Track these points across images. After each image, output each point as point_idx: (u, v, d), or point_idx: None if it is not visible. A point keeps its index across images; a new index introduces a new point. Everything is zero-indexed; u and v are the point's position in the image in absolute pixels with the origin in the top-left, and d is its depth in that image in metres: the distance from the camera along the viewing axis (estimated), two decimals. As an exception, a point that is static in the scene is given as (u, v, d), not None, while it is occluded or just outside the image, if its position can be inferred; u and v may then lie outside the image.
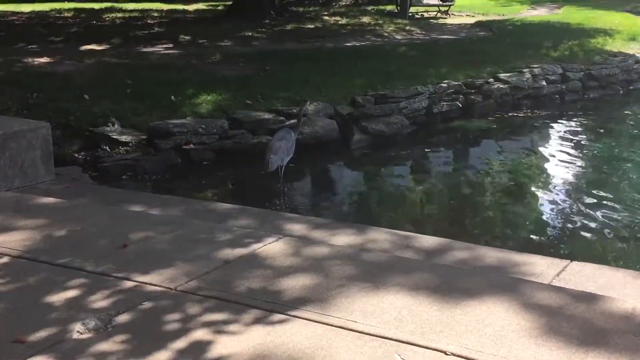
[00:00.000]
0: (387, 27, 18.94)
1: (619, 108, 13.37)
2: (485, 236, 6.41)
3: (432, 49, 14.87)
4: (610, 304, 3.47)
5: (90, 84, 9.85)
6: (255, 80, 10.79)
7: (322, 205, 7.70)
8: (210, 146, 8.57)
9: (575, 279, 4.16)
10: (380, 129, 10.01)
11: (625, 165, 9.13)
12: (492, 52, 14.41)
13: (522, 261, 4.41)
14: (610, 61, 14.88)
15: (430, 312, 3.37)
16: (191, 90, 9.70)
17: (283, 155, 7.54)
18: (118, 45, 14.03)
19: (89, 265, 3.94)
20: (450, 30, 19.45)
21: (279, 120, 9.12)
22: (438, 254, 4.53)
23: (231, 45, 14.76)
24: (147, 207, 5.60)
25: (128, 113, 8.76)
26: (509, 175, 8.79)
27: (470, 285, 3.68)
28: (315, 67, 11.88)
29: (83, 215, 4.93)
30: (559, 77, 13.63)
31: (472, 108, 11.82)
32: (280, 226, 5.02)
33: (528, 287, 3.70)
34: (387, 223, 6.61)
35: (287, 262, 3.96)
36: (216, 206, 5.81)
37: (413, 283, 3.68)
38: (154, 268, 3.88)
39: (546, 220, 6.89)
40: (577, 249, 6.04)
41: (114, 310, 3.39)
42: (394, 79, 11.24)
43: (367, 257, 4.11)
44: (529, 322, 3.27)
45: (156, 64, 11.95)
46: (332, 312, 3.37)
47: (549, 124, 11.84)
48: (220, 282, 3.70)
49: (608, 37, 17.06)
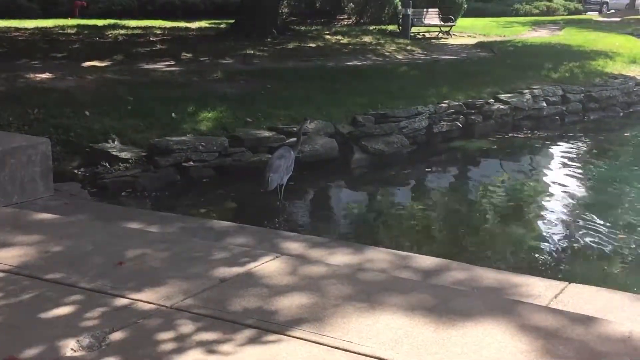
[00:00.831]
0: (389, 47, 19.04)
1: (619, 130, 13.40)
2: (483, 257, 6.40)
3: (433, 69, 14.93)
4: (607, 327, 3.45)
5: (91, 100, 9.87)
6: (255, 98, 10.82)
7: (320, 224, 7.69)
8: (210, 164, 8.58)
9: (573, 301, 4.14)
10: (380, 148, 10.02)
11: (624, 187, 9.13)
12: (493, 72, 14.47)
13: (520, 282, 4.40)
14: (610, 83, 14.94)
15: (426, 333, 3.35)
16: (192, 108, 9.73)
17: (282, 174, 7.55)
18: (120, 62, 14.10)
19: (84, 282, 3.92)
20: (452, 51, 19.55)
21: (279, 138, 9.13)
22: (435, 275, 4.51)
23: (232, 63, 14.83)
24: (145, 224, 5.59)
25: (128, 130, 8.78)
26: (508, 196, 8.79)
27: (467, 306, 3.65)
28: (316, 85, 11.93)
29: (80, 232, 4.92)
30: (559, 99, 13.67)
31: (472, 128, 11.84)
32: (278, 245, 5.01)
33: (525, 309, 3.68)
34: (386, 242, 6.60)
35: (284, 281, 3.95)
36: (214, 224, 5.80)
37: (409, 303, 3.66)
38: (150, 286, 3.87)
39: (545, 242, 6.87)
40: (575, 270, 6.02)
41: (108, 327, 3.37)
42: (395, 98, 11.27)
43: (363, 277, 4.09)
44: (526, 344, 3.25)
45: (157, 81, 11.99)
46: (328, 332, 3.35)
47: (549, 145, 11.86)
48: (215, 301, 3.68)
49: (608, 60, 17.14)
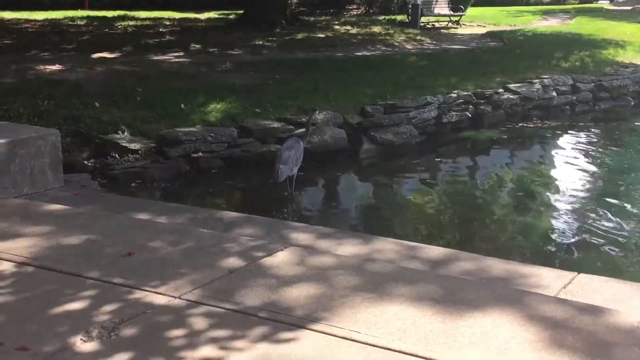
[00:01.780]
0: (398, 37, 18.96)
1: (630, 119, 13.32)
2: (492, 247, 6.38)
3: (442, 59, 14.87)
4: (615, 317, 3.44)
5: (100, 91, 9.89)
6: (264, 88, 10.82)
7: (329, 214, 7.70)
8: (219, 154, 8.59)
9: (582, 292, 4.13)
10: (389, 139, 10.01)
11: (635, 177, 9.08)
12: (503, 62, 14.40)
13: (529, 273, 4.39)
14: (621, 72, 14.84)
15: (434, 323, 3.36)
16: (201, 99, 9.74)
17: (292, 165, 7.54)
18: (129, 53, 14.10)
19: (94, 273, 3.95)
20: (461, 40, 19.45)
21: (288, 129, 9.13)
22: (444, 265, 4.51)
23: (241, 54, 14.82)
24: (154, 215, 5.61)
25: (138, 121, 8.80)
26: (517, 186, 8.76)
27: (475, 296, 3.66)
28: (324, 76, 11.90)
29: (89, 222, 4.94)
30: (569, 88, 13.59)
31: (481, 118, 11.79)
32: (286, 235, 5.01)
33: (533, 299, 3.68)
34: (394, 233, 6.60)
35: (292, 271, 3.96)
36: (223, 215, 5.81)
37: (417, 294, 3.67)
38: (158, 276, 3.89)
39: (554, 232, 6.85)
40: (585, 261, 6.00)
41: (117, 318, 3.39)
42: (404, 88, 11.23)
43: (371, 268, 4.10)
44: (534, 334, 3.25)
45: (166, 72, 12.00)
46: (336, 323, 3.36)
47: (559, 134, 11.80)
48: (224, 292, 3.70)
49: (619, 48, 17.02)
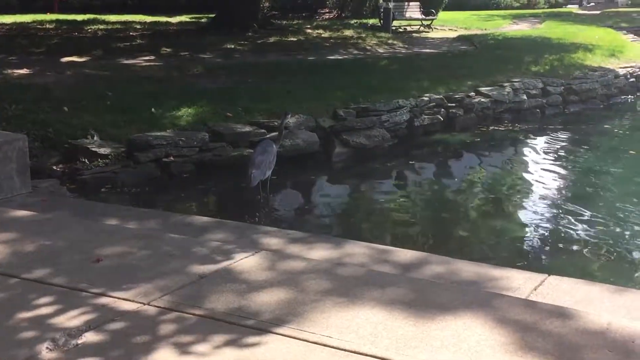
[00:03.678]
0: (370, 41, 19.03)
1: (599, 122, 13.47)
2: (464, 250, 6.41)
3: (414, 63, 14.94)
4: (586, 319, 3.46)
5: (70, 95, 9.79)
6: (236, 92, 10.77)
7: (301, 218, 7.67)
8: (191, 159, 8.53)
9: (552, 294, 4.14)
10: (361, 142, 10.01)
11: (604, 179, 9.18)
12: (474, 66, 14.50)
13: (500, 275, 4.40)
14: (590, 76, 15.03)
15: (406, 327, 3.34)
16: (172, 103, 9.67)
17: (265, 169, 7.51)
18: (99, 57, 13.99)
19: (61, 279, 3.87)
20: (433, 44, 19.57)
21: (260, 132, 9.10)
22: (415, 268, 4.51)
23: (213, 58, 14.76)
24: (124, 220, 5.54)
25: (108, 125, 8.71)
26: (489, 188, 8.81)
27: (447, 300, 3.65)
28: (297, 80, 11.89)
29: (57, 228, 4.86)
30: (539, 91, 13.72)
31: (453, 121, 11.85)
32: (258, 240, 4.98)
33: (504, 301, 3.68)
34: (367, 236, 6.59)
35: (263, 276, 3.92)
36: (193, 220, 5.76)
37: (389, 298, 3.65)
38: (127, 283, 3.83)
39: (525, 234, 6.89)
40: (555, 262, 6.05)
41: (85, 326, 3.33)
42: (376, 92, 11.26)
43: (343, 272, 4.07)
44: (505, 337, 3.25)
45: (137, 76, 11.91)
46: (307, 328, 3.33)
47: (529, 137, 11.90)
48: (194, 297, 3.65)
49: (588, 52, 17.24)
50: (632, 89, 16.03)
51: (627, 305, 4.06)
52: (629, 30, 25.85)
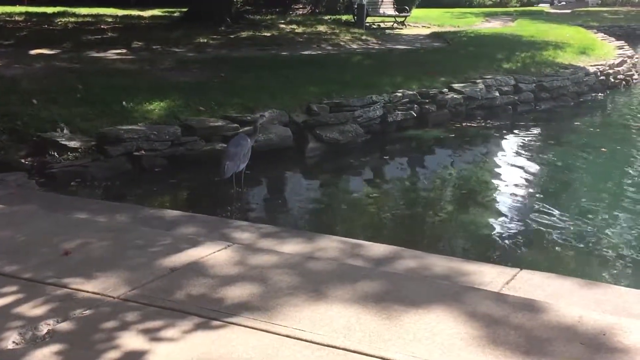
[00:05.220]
0: (344, 37, 19.01)
1: (570, 119, 13.59)
2: (436, 244, 6.42)
3: (387, 59, 14.95)
4: (557, 313, 3.47)
5: (39, 88, 9.62)
6: (209, 86, 10.68)
7: (274, 212, 7.63)
8: (162, 153, 8.43)
9: (524, 288, 4.16)
10: (334, 137, 9.99)
11: (575, 176, 9.27)
12: (447, 62, 14.55)
13: (472, 270, 4.41)
14: (561, 73, 15.14)
15: (378, 320, 3.33)
16: (143, 96, 9.54)
17: (239, 162, 7.47)
18: (69, 49, 13.78)
19: (28, 272, 3.80)
20: (406, 41, 19.62)
21: (233, 127, 9.03)
22: (387, 262, 4.50)
23: (185, 52, 14.63)
24: (94, 214, 5.47)
25: (77, 118, 8.58)
26: (461, 184, 8.84)
27: (419, 293, 3.64)
28: (270, 74, 11.83)
29: (25, 221, 4.78)
30: (511, 88, 13.80)
31: (426, 117, 11.87)
32: (229, 234, 4.94)
33: (477, 295, 3.68)
34: (339, 231, 6.58)
35: (234, 270, 3.88)
36: (165, 213, 5.69)
37: (362, 291, 3.64)
38: (96, 276, 3.77)
39: (497, 229, 6.92)
40: (527, 257, 6.07)
41: (53, 319, 3.27)
42: (350, 87, 11.24)
43: (315, 266, 4.05)
44: (477, 330, 3.25)
45: (108, 69, 11.76)
46: (280, 321, 3.30)
47: (502, 134, 11.97)
48: (164, 291, 3.60)
49: (559, 50, 17.38)
50: (602, 87, 16.19)
51: (598, 299, 4.09)
52: (598, 29, 26.19)
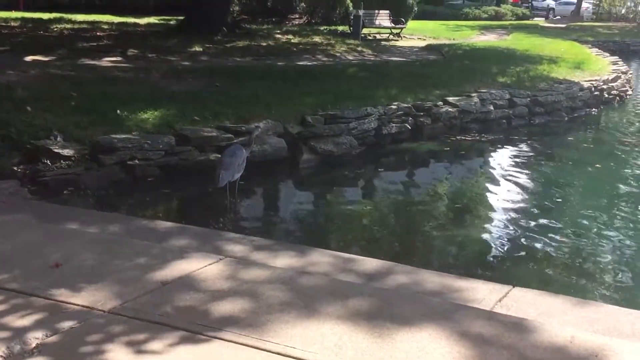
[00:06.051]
0: (339, 47, 19.05)
1: (564, 134, 13.62)
2: (429, 260, 6.40)
3: (382, 71, 14.96)
4: (550, 332, 3.46)
5: (33, 95, 9.59)
6: (203, 96, 10.67)
7: (267, 225, 7.61)
8: (156, 162, 8.39)
9: (516, 305, 4.15)
10: (329, 149, 9.98)
11: (568, 191, 9.27)
12: (442, 75, 14.56)
13: (464, 286, 4.39)
14: (555, 88, 15.17)
15: (370, 338, 3.31)
16: (138, 105, 9.51)
17: (234, 171, 7.46)
18: (64, 56, 13.76)
19: (17, 285, 3.77)
20: (401, 53, 19.66)
21: (227, 137, 9.01)
22: (380, 278, 4.48)
23: (181, 61, 14.62)
24: (86, 224, 5.43)
25: (71, 126, 8.54)
26: (455, 199, 8.83)
27: (412, 311, 3.63)
28: (265, 85, 11.82)
29: (16, 232, 4.74)
30: (506, 102, 13.81)
31: (421, 130, 11.87)
32: (221, 247, 4.91)
33: (469, 314, 3.67)
34: (332, 244, 6.56)
35: (226, 285, 3.86)
36: (157, 225, 5.66)
37: (353, 308, 3.62)
38: (87, 289, 3.74)
39: (490, 245, 6.91)
40: (519, 274, 6.05)
41: (42, 333, 3.24)
42: (344, 99, 11.23)
43: (307, 281, 4.03)
44: (470, 350, 3.23)
45: (102, 77, 11.73)
46: (271, 338, 3.28)
47: (496, 148, 11.98)
48: (155, 305, 3.57)
49: (554, 65, 17.44)
50: (595, 102, 16.22)
51: (590, 318, 4.08)
52: (593, 44, 26.33)
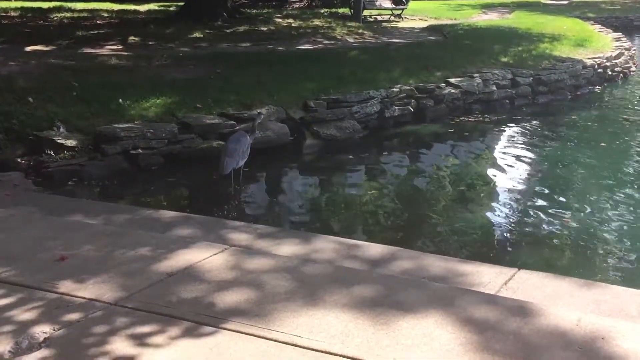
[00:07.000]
0: (340, 30, 18.93)
1: (567, 113, 13.55)
2: (434, 243, 6.40)
3: (384, 53, 14.88)
4: (556, 316, 3.46)
5: (35, 86, 9.58)
6: (205, 83, 10.65)
7: (271, 211, 7.61)
8: (159, 151, 8.40)
9: (522, 288, 4.15)
10: (332, 134, 9.96)
11: (573, 171, 9.24)
12: (444, 56, 14.48)
13: (470, 270, 4.39)
14: (558, 67, 15.08)
15: (376, 326, 3.31)
16: (140, 94, 9.50)
17: (238, 158, 7.47)
18: (65, 46, 13.72)
19: (24, 278, 3.78)
20: (403, 34, 19.54)
21: (229, 124, 9.01)
22: (384, 264, 4.48)
23: (181, 47, 14.56)
24: (90, 215, 5.45)
25: (74, 117, 8.55)
26: (459, 181, 8.81)
27: (417, 297, 3.63)
28: (267, 70, 11.78)
29: (21, 225, 4.75)
30: (509, 82, 13.75)
31: (423, 112, 11.83)
32: (226, 235, 4.92)
33: (474, 299, 3.66)
34: (336, 230, 6.57)
35: (231, 275, 3.86)
36: (161, 214, 5.67)
37: (359, 295, 3.62)
38: (92, 281, 3.75)
39: (495, 227, 6.90)
40: (525, 256, 6.05)
41: (48, 326, 3.25)
42: (346, 83, 11.20)
43: (311, 269, 4.03)
44: (475, 335, 3.24)
45: (104, 66, 11.71)
46: (277, 327, 3.29)
47: (499, 128, 11.93)
48: (160, 296, 3.58)
49: (557, 43, 17.31)
50: (599, 80, 16.14)
51: (596, 299, 4.08)
52: (596, 20, 26.12)
